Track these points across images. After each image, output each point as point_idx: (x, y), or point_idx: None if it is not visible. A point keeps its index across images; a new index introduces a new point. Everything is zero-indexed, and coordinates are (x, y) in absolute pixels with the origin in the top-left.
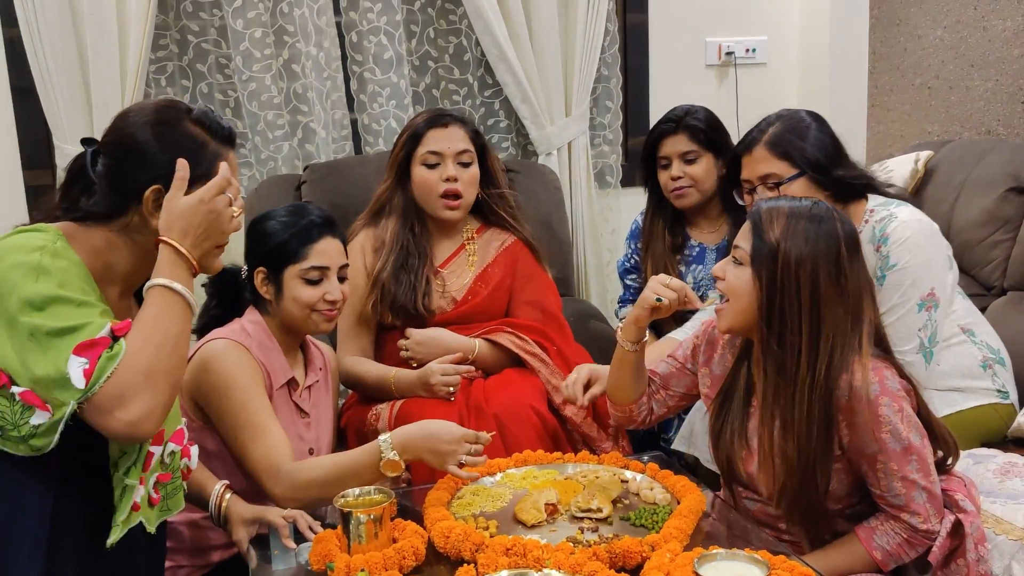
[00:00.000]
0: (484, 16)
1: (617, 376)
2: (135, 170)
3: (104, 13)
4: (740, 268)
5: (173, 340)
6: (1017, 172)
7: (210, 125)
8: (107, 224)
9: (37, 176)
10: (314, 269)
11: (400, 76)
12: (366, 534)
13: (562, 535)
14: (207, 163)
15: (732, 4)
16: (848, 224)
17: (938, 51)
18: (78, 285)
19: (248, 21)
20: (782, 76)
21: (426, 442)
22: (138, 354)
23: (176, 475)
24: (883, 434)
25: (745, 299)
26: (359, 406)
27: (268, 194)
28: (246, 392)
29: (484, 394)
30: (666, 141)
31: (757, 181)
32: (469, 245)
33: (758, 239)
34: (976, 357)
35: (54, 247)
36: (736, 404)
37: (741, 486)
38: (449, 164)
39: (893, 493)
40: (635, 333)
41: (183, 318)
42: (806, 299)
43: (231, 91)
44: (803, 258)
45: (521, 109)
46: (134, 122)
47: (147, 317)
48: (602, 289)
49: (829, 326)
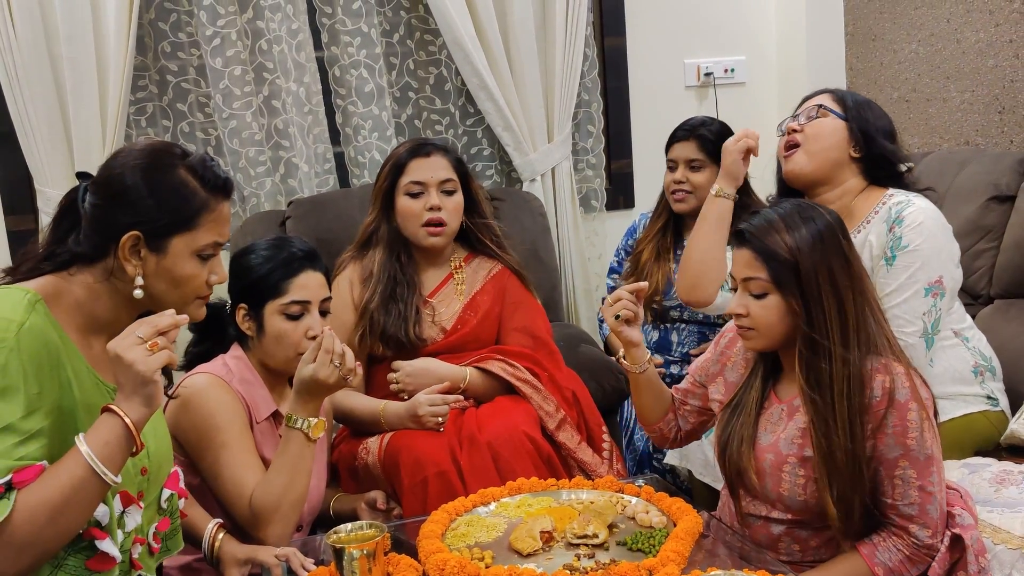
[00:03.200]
0: (463, 46)
1: (637, 399)
2: (118, 212)
3: (83, 56)
4: (764, 299)
5: (73, 523)
6: (997, 181)
7: (203, 174)
8: (90, 267)
9: (19, 221)
10: (295, 304)
11: (382, 108)
12: (360, 570)
13: (559, 562)
14: (192, 213)
15: (709, 25)
16: (832, 212)
17: (914, 64)
18: (21, 394)
19: (227, 59)
20: (761, 94)
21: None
22: (25, 525)
23: (175, 518)
24: (909, 440)
25: (776, 327)
26: (350, 440)
27: (252, 231)
28: (226, 431)
29: (477, 423)
30: (677, 146)
31: (803, 111)
32: (457, 274)
33: (773, 263)
34: (968, 362)
35: (20, 329)
36: (746, 415)
37: (749, 495)
38: (432, 193)
39: (907, 501)
40: (633, 355)
41: (94, 500)
42: (831, 303)
43: (212, 129)
44: (819, 264)
45: (503, 137)
46: (125, 162)
47: (56, 490)
48: (591, 313)
49: (854, 325)
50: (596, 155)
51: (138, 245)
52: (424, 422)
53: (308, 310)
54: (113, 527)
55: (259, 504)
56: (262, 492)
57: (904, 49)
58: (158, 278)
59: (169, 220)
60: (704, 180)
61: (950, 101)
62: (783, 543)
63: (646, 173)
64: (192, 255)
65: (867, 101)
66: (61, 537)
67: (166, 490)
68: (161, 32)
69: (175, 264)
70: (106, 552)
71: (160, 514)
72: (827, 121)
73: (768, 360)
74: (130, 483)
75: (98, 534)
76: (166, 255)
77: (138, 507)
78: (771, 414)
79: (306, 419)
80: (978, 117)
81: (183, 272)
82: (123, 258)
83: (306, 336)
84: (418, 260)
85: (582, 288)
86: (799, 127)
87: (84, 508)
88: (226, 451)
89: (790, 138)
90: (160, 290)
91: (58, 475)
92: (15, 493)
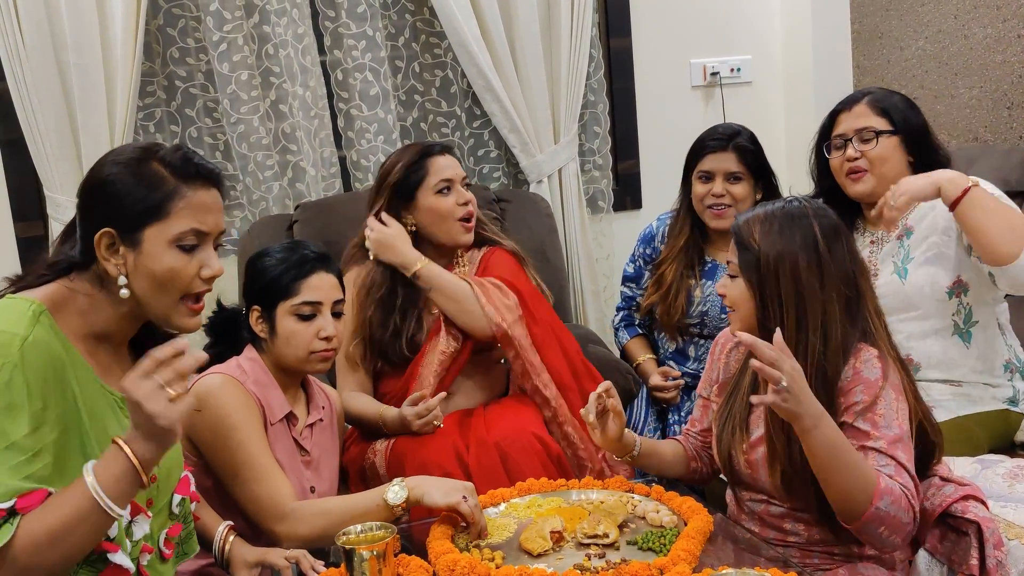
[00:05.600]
0: (468, 48)
1: (651, 472)
2: (93, 210)
3: (91, 63)
4: (735, 281)
5: (78, 550)
6: (1007, 177)
7: (172, 161)
8: (85, 274)
9: (28, 228)
10: (306, 304)
11: (387, 111)
12: (370, 571)
13: (569, 562)
14: (160, 201)
15: (715, 25)
16: (827, 216)
17: (921, 61)
18: (25, 411)
19: (234, 64)
20: (768, 94)
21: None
22: (27, 550)
23: (187, 522)
24: (877, 416)
25: (744, 307)
26: (359, 443)
27: (260, 234)
28: (242, 430)
29: (485, 424)
30: (712, 156)
31: (853, 133)
32: (458, 268)
33: (743, 250)
34: (1003, 356)
35: (24, 343)
36: (738, 400)
37: (742, 485)
38: (459, 188)
39: (888, 471)
40: (617, 449)
41: (99, 530)
42: (789, 292)
43: (220, 134)
44: (781, 254)
45: (510, 138)
46: (106, 161)
47: (60, 518)
48: (599, 314)
49: (815, 315)
50: (603, 156)
51: (115, 243)
52: (420, 431)
53: (320, 311)
54: (122, 537)
55: (297, 506)
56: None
57: (911, 46)
58: (139, 275)
59: (138, 210)
60: (744, 193)
61: (958, 98)
62: (787, 525)
63: (653, 174)
64: (169, 245)
65: (903, 100)
66: (67, 561)
67: (176, 495)
68: (169, 38)
69: (153, 258)
70: (119, 564)
71: (172, 519)
72: (885, 142)
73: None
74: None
75: (109, 547)
76: (142, 249)
77: (146, 516)
78: (761, 411)
79: (400, 489)
80: (986, 113)
81: (163, 265)
82: (101, 257)
83: (318, 337)
84: (430, 255)
85: (590, 289)
86: (858, 154)
87: (89, 537)
88: (243, 450)
89: (854, 165)
90: (143, 289)
91: (63, 504)
92: (18, 519)
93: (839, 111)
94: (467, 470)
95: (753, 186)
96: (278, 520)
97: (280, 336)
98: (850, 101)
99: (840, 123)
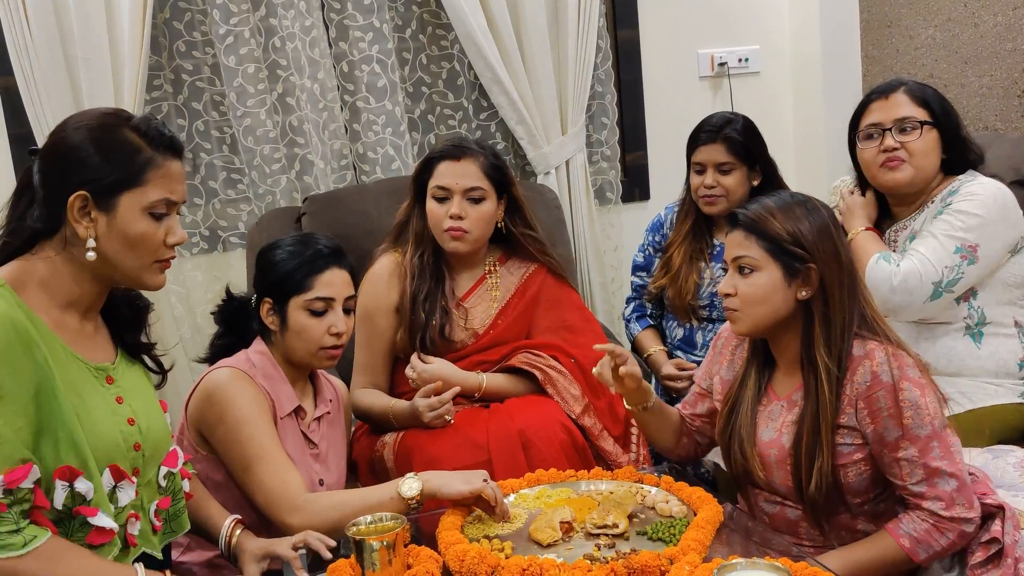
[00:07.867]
0: (475, 40)
1: (647, 432)
2: (65, 174)
3: (98, 57)
4: (753, 275)
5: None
6: (1018, 166)
7: (147, 131)
8: (49, 241)
9: None
10: (319, 300)
11: (395, 104)
12: (380, 561)
13: (578, 553)
14: (137, 169)
15: (722, 15)
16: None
17: (931, 50)
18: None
19: (241, 57)
20: (776, 84)
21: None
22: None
23: (177, 498)
24: (905, 419)
25: (767, 302)
26: (368, 436)
27: (268, 227)
28: (253, 423)
29: (509, 412)
30: (703, 148)
31: (892, 123)
32: (490, 278)
33: (765, 239)
34: (1017, 355)
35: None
36: (745, 412)
37: (757, 488)
38: (456, 200)
39: (914, 480)
40: (634, 398)
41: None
42: (833, 268)
43: (227, 127)
44: (820, 230)
45: (517, 130)
46: (70, 126)
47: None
48: (608, 306)
49: (843, 291)
50: (610, 147)
51: (87, 206)
52: (432, 424)
53: (332, 307)
54: (103, 500)
55: (310, 498)
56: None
57: (921, 35)
58: (110, 239)
59: (116, 177)
60: (735, 182)
61: (968, 86)
62: (802, 528)
63: (661, 165)
64: (143, 213)
65: (936, 93)
66: None
67: (163, 467)
68: (175, 31)
69: (126, 223)
70: (101, 526)
71: (160, 492)
72: (928, 133)
73: (760, 356)
74: (121, 458)
75: (87, 511)
76: (116, 214)
77: (130, 482)
78: (770, 411)
79: (414, 481)
80: (997, 102)
81: (135, 231)
82: (73, 219)
83: (328, 332)
84: (451, 261)
85: (598, 280)
86: (898, 144)
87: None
88: (254, 443)
89: (892, 155)
90: (114, 251)
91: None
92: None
93: (871, 99)
94: (477, 465)
95: (747, 174)
96: (291, 512)
97: (291, 330)
98: (886, 89)
99: (872, 111)
